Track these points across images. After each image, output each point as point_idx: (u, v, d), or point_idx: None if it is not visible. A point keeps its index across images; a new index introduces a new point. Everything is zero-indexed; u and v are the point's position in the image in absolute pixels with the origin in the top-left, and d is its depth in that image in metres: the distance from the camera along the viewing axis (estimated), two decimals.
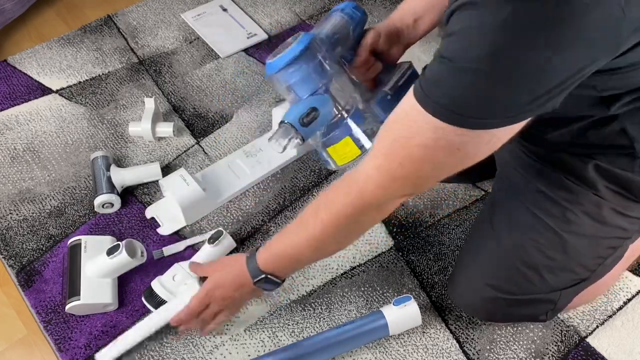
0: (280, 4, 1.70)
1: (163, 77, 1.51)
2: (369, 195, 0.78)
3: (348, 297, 1.14)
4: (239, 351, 1.08)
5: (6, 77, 1.50)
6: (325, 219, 0.83)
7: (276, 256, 0.92)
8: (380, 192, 0.77)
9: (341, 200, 0.81)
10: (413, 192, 0.82)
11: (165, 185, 1.21)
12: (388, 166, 0.74)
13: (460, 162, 0.72)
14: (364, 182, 0.77)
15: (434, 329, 1.11)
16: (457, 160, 0.71)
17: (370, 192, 0.78)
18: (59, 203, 1.26)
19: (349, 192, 0.80)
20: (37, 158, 1.34)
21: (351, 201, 0.80)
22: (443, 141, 0.68)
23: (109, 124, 1.41)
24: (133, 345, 1.05)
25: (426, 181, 0.78)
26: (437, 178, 0.76)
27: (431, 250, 1.21)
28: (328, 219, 0.83)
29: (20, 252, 1.19)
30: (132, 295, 1.13)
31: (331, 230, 0.84)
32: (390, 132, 0.74)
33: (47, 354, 1.08)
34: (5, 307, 1.14)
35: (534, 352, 1.09)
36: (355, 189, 0.79)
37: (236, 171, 1.31)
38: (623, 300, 1.15)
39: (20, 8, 1.59)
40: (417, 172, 0.74)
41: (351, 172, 0.81)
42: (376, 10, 1.68)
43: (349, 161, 1.05)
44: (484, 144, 0.69)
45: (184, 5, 1.69)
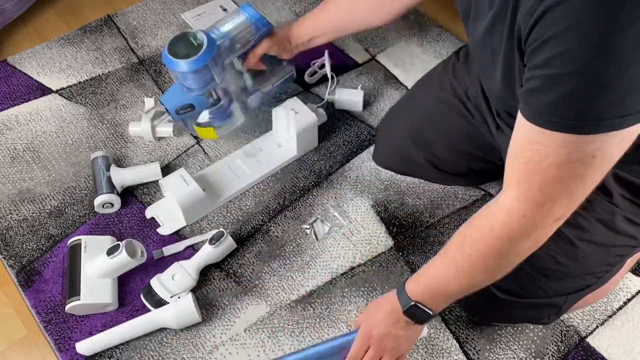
0: (280, 4, 1.70)
1: (163, 77, 1.51)
2: (515, 227, 0.75)
3: (348, 297, 1.14)
4: (239, 351, 1.08)
5: (6, 77, 1.50)
6: (473, 254, 0.80)
7: (425, 287, 0.88)
8: (528, 222, 0.74)
9: (487, 235, 0.78)
10: (566, 212, 0.75)
11: (165, 185, 1.21)
12: (527, 194, 0.72)
13: (600, 168, 0.68)
14: (507, 215, 0.75)
15: (434, 329, 1.11)
16: (595, 168, 0.68)
17: (516, 224, 0.74)
18: (59, 203, 1.26)
19: (493, 227, 0.77)
20: (37, 158, 1.34)
21: (497, 236, 0.76)
22: (576, 154, 0.65)
23: (109, 124, 1.41)
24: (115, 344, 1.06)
25: (574, 197, 0.72)
26: (584, 191, 0.72)
27: (431, 250, 1.21)
28: (476, 255, 0.80)
29: (20, 252, 1.19)
30: (132, 295, 1.13)
31: (480, 265, 0.81)
32: (518, 162, 0.71)
33: (47, 354, 1.08)
34: (5, 307, 1.14)
35: (534, 352, 1.09)
36: (499, 224, 0.76)
37: (236, 171, 1.31)
38: (623, 300, 1.15)
39: (20, 8, 1.59)
40: (562, 192, 0.71)
41: (489, 208, 0.78)
42: None
43: (207, 138, 1.31)
44: (617, 143, 0.65)
45: (184, 5, 1.69)
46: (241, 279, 1.16)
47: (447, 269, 0.84)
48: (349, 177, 1.32)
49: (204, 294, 1.14)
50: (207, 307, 1.12)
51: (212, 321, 1.11)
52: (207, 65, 1.09)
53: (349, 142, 1.38)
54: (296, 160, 1.35)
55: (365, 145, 1.38)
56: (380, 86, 1.50)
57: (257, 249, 1.21)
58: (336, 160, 1.35)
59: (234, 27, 1.17)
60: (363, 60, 1.56)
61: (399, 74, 1.52)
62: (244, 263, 1.18)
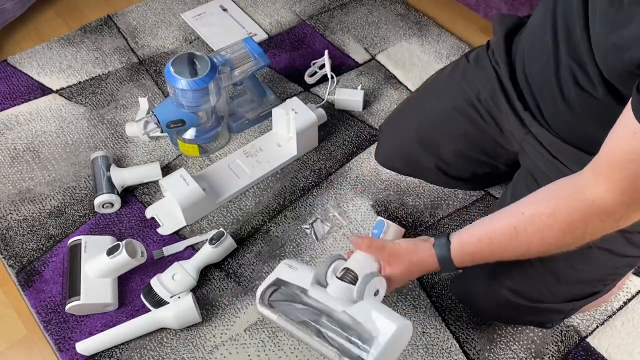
0: (280, 4, 1.70)
1: (163, 77, 1.51)
2: (611, 224, 0.76)
3: None
4: (239, 351, 1.08)
5: (6, 77, 1.50)
6: (553, 242, 0.80)
7: (471, 259, 0.88)
8: (625, 222, 0.76)
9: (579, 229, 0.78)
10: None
11: (165, 185, 1.21)
12: (632, 202, 0.72)
13: None
14: (606, 216, 0.75)
15: (434, 329, 1.11)
16: None
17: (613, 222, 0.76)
18: (59, 203, 1.26)
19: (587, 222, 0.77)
20: (37, 158, 1.34)
21: (592, 231, 0.77)
22: None
23: (109, 124, 1.41)
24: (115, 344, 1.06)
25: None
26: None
27: None
28: (556, 242, 0.80)
29: (20, 252, 1.19)
30: (132, 295, 1.13)
31: (555, 249, 0.81)
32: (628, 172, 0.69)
33: (47, 354, 1.08)
34: (5, 307, 1.14)
35: (534, 352, 1.09)
36: (596, 220, 0.76)
37: (236, 171, 1.31)
38: (623, 300, 1.15)
39: (20, 8, 1.59)
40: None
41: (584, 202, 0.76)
42: (376, 10, 1.68)
43: (187, 154, 1.35)
44: None
45: (184, 5, 1.69)
46: (241, 279, 1.16)
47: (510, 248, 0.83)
48: (349, 177, 1.32)
49: (204, 294, 1.14)
50: (207, 307, 1.12)
51: (212, 321, 1.11)
52: (207, 87, 1.19)
53: (349, 142, 1.38)
54: (296, 160, 1.35)
55: (365, 145, 1.38)
56: (380, 86, 1.50)
57: (257, 249, 1.21)
58: (336, 160, 1.35)
59: (236, 57, 1.27)
60: (363, 60, 1.56)
61: (399, 74, 1.52)
62: (244, 263, 1.18)
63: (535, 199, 0.82)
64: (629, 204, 0.72)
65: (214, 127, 1.32)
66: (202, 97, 1.20)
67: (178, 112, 1.23)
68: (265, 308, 0.88)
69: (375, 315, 0.80)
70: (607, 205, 0.73)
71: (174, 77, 1.17)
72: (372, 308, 0.82)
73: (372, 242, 0.91)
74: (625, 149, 0.69)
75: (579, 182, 0.77)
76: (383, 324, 0.79)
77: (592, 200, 0.74)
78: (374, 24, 1.64)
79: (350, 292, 0.85)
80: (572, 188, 0.78)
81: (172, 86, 1.18)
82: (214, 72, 1.19)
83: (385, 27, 1.64)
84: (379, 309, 0.82)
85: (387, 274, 0.89)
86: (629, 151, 0.68)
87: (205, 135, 1.32)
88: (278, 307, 0.87)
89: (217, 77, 1.20)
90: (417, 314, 1.13)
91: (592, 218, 0.76)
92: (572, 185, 0.78)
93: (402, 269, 0.90)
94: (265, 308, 0.88)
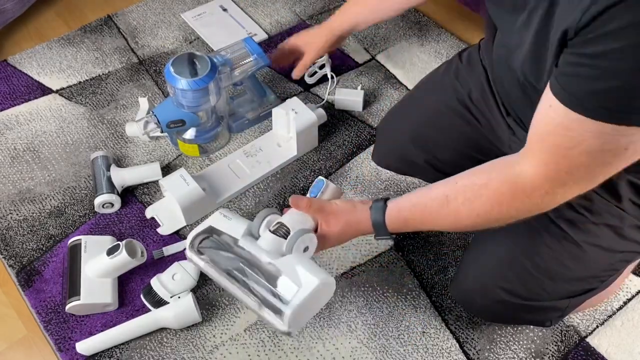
0: (280, 4, 1.70)
1: (163, 77, 1.51)
2: (537, 200, 0.77)
3: (348, 297, 1.14)
4: (239, 351, 1.08)
5: (6, 77, 1.50)
6: (481, 214, 0.81)
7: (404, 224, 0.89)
8: (551, 198, 0.77)
9: (506, 202, 0.79)
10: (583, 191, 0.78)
11: (165, 185, 1.21)
12: (554, 175, 0.74)
13: (628, 160, 0.70)
14: (532, 189, 0.76)
15: (434, 329, 1.11)
16: (624, 159, 0.70)
17: (539, 198, 0.77)
18: (59, 203, 1.26)
19: (514, 196, 0.78)
20: (37, 158, 1.34)
21: (519, 206, 0.79)
22: (609, 144, 0.67)
23: (109, 124, 1.41)
24: (115, 344, 1.06)
25: (595, 181, 0.75)
26: (606, 176, 0.74)
27: (431, 250, 1.21)
28: (484, 214, 0.81)
29: (20, 252, 1.19)
30: (132, 295, 1.13)
31: (483, 222, 0.83)
32: (547, 143, 0.72)
33: (47, 354, 1.08)
34: (5, 307, 1.14)
35: (534, 352, 1.09)
36: (523, 195, 0.77)
37: (236, 171, 1.31)
38: (623, 300, 1.15)
39: (20, 8, 1.59)
40: (588, 176, 0.73)
41: (511, 176, 0.78)
42: None
43: (187, 154, 1.34)
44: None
45: (184, 5, 1.69)
46: None
47: (442, 219, 0.85)
48: (349, 177, 1.32)
49: (204, 294, 1.14)
50: (207, 307, 1.12)
51: (212, 321, 1.11)
52: (207, 87, 1.18)
53: (349, 142, 1.38)
54: (296, 160, 1.35)
55: (365, 145, 1.38)
56: (380, 86, 1.50)
57: None
58: (336, 160, 1.35)
59: (237, 57, 1.27)
60: (363, 60, 1.56)
61: (399, 74, 1.52)
62: None
63: (472, 171, 0.84)
64: (553, 177, 0.74)
65: (214, 127, 1.32)
66: (202, 97, 1.20)
67: (178, 112, 1.23)
68: (194, 254, 0.89)
69: (300, 270, 0.81)
70: (532, 179, 0.75)
71: (174, 77, 1.17)
72: (298, 262, 0.83)
73: (311, 202, 0.92)
74: (544, 121, 0.72)
75: (513, 157, 0.80)
76: (306, 279, 0.80)
77: (519, 174, 0.76)
78: (374, 24, 1.64)
79: (280, 245, 0.86)
80: (506, 162, 0.80)
81: (172, 86, 1.18)
82: (214, 72, 1.19)
83: (385, 27, 1.64)
84: (305, 264, 0.82)
85: (323, 232, 0.90)
86: (546, 123, 0.71)
87: (205, 135, 1.32)
88: (207, 254, 0.89)
89: (217, 77, 1.20)
90: (417, 314, 1.13)
91: (518, 192, 0.77)
92: (505, 161, 0.81)
93: (339, 229, 0.91)
94: (194, 254, 0.89)
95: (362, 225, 0.91)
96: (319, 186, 1.01)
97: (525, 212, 0.80)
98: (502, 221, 0.82)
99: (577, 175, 0.73)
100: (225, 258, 0.87)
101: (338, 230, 0.91)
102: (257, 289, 0.82)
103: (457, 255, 1.20)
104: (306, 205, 0.91)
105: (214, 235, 0.91)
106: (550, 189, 0.75)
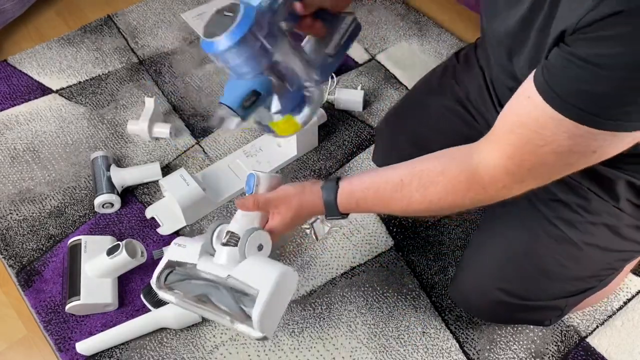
0: None
1: (163, 77, 1.51)
2: (492, 193, 0.76)
3: (348, 297, 1.14)
4: (239, 351, 1.08)
5: (6, 77, 1.50)
6: (434, 200, 0.80)
7: (356, 205, 0.88)
8: (506, 192, 0.76)
9: (461, 191, 0.78)
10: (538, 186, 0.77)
11: (165, 185, 1.21)
12: (516, 170, 0.72)
13: (592, 162, 0.69)
14: (489, 182, 0.75)
15: (434, 329, 1.11)
16: (589, 161, 0.69)
17: (494, 191, 0.76)
18: (59, 203, 1.26)
19: (470, 187, 0.77)
20: (37, 158, 1.34)
21: (473, 196, 0.78)
22: (580, 146, 0.66)
23: (109, 124, 1.41)
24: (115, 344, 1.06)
25: (554, 178, 0.75)
26: (565, 174, 0.74)
27: (431, 250, 1.21)
28: (437, 201, 0.80)
29: (20, 252, 1.19)
30: (132, 295, 1.13)
31: (435, 209, 0.82)
32: (516, 136, 0.70)
33: (47, 354, 1.08)
34: (5, 307, 1.14)
35: (534, 352, 1.09)
36: (478, 186, 0.76)
37: (236, 171, 1.31)
38: (623, 300, 1.15)
39: (20, 8, 1.59)
40: (548, 174, 0.73)
41: (470, 166, 0.77)
42: (376, 10, 1.68)
43: (290, 134, 1.02)
44: (623, 144, 0.67)
45: (184, 5, 1.69)
46: None
47: (395, 201, 0.84)
48: None
49: None
50: None
51: (212, 321, 1.11)
52: (250, 33, 0.86)
53: (349, 142, 1.38)
54: (296, 160, 1.35)
55: (365, 145, 1.38)
56: (380, 86, 1.50)
57: None
58: (336, 160, 1.35)
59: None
60: (363, 60, 1.56)
61: (399, 74, 1.52)
62: None
63: (430, 157, 0.83)
64: (514, 173, 0.72)
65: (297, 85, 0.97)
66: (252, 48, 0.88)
67: (243, 84, 0.93)
68: (164, 292, 0.88)
69: (255, 271, 0.80)
70: (492, 172, 0.74)
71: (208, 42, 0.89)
72: (253, 264, 0.82)
73: (256, 199, 0.90)
74: (518, 111, 0.70)
75: (473, 146, 0.78)
76: (263, 277, 0.78)
77: (478, 164, 0.75)
78: (374, 24, 1.64)
79: (235, 255, 0.84)
80: (465, 151, 0.79)
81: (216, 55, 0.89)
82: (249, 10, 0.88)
83: (385, 27, 1.64)
84: (260, 264, 0.81)
85: (275, 223, 0.89)
86: (520, 114, 0.69)
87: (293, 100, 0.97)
88: (177, 288, 0.87)
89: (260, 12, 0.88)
90: (417, 314, 1.13)
91: (475, 183, 0.76)
92: (466, 149, 0.79)
93: (292, 214, 0.90)
94: (164, 292, 0.88)
95: (314, 205, 0.90)
96: (250, 182, 0.94)
97: (477, 202, 0.79)
98: (452, 209, 0.82)
99: (538, 173, 0.72)
100: (194, 285, 0.86)
101: (291, 215, 0.90)
102: (225, 306, 0.82)
103: (457, 255, 1.20)
104: (253, 204, 0.89)
105: (176, 268, 0.90)
106: (508, 183, 0.74)
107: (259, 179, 0.94)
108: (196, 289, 0.85)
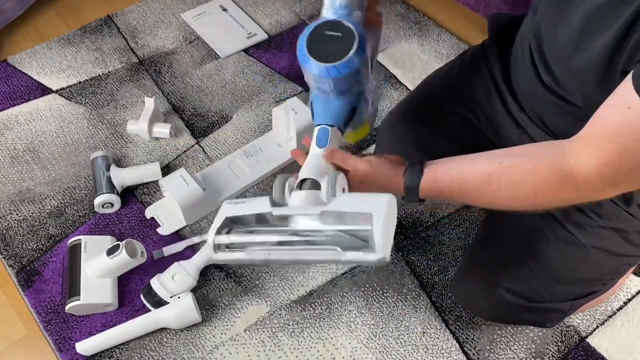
0: (280, 4, 1.70)
1: (163, 77, 1.51)
2: (584, 195, 0.75)
3: (348, 297, 1.14)
4: (239, 351, 1.08)
5: (6, 77, 1.50)
6: (522, 199, 0.78)
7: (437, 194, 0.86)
8: (598, 194, 0.74)
9: (551, 192, 0.76)
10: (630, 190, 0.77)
11: (165, 185, 1.21)
12: (612, 175, 0.71)
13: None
14: (583, 184, 0.74)
15: (434, 329, 1.11)
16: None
17: (586, 193, 0.75)
18: (59, 203, 1.26)
19: (561, 188, 0.75)
20: (37, 158, 1.34)
21: (563, 197, 0.76)
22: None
23: (109, 124, 1.41)
24: (115, 344, 1.06)
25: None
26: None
27: (431, 250, 1.21)
28: (525, 199, 0.78)
29: (20, 252, 1.19)
30: (132, 295, 1.13)
31: (522, 206, 0.80)
32: (614, 144, 0.69)
33: (47, 354, 1.08)
34: (5, 307, 1.14)
35: (534, 352, 1.09)
36: (571, 188, 0.75)
37: (236, 171, 1.31)
38: (623, 301, 1.15)
39: (20, 8, 1.59)
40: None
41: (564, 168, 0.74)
42: None
43: (359, 138, 1.04)
44: None
45: (184, 5, 1.69)
46: (241, 279, 1.16)
47: (481, 195, 0.81)
48: None
49: (204, 294, 1.14)
50: (207, 307, 1.12)
51: (212, 321, 1.11)
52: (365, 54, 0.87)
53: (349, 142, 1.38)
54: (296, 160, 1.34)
55: (365, 145, 1.38)
56: (380, 86, 1.50)
57: None
58: None
59: None
60: None
61: (399, 74, 1.52)
62: None
63: (517, 152, 0.81)
64: (609, 177, 0.71)
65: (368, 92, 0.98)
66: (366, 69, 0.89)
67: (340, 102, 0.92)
68: (225, 253, 0.77)
69: (359, 200, 0.76)
70: (585, 175, 0.72)
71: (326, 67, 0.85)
72: (350, 196, 0.78)
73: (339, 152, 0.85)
74: (617, 121, 0.68)
75: (565, 146, 0.76)
76: (372, 202, 0.74)
77: (572, 166, 0.73)
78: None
79: (317, 196, 0.79)
80: (557, 150, 0.77)
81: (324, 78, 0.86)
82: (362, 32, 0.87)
83: (385, 27, 1.63)
84: (359, 195, 0.78)
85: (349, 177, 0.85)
86: (620, 124, 0.67)
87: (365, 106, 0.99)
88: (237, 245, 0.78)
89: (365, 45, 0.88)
90: (417, 314, 1.13)
91: (566, 184, 0.75)
92: (558, 148, 0.77)
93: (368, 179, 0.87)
94: (225, 253, 0.77)
95: (393, 183, 0.86)
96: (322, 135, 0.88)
97: (567, 203, 0.78)
98: (541, 207, 0.80)
99: (633, 178, 0.71)
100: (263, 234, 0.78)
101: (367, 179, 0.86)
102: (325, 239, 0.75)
103: (457, 255, 1.20)
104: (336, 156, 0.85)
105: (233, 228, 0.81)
106: (601, 185, 0.73)
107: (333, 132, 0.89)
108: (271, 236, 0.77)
